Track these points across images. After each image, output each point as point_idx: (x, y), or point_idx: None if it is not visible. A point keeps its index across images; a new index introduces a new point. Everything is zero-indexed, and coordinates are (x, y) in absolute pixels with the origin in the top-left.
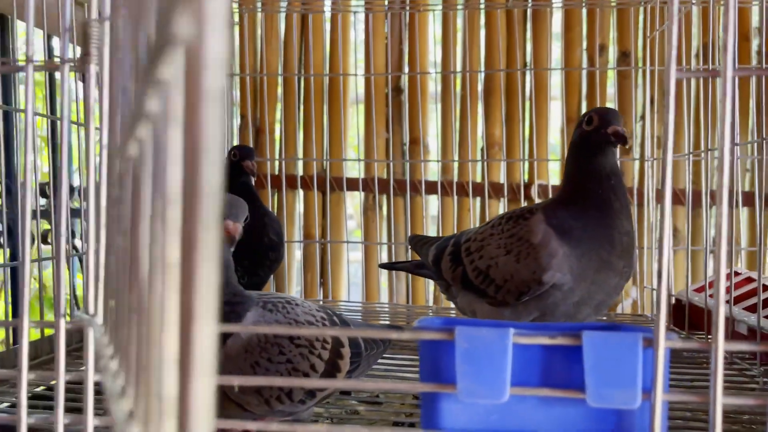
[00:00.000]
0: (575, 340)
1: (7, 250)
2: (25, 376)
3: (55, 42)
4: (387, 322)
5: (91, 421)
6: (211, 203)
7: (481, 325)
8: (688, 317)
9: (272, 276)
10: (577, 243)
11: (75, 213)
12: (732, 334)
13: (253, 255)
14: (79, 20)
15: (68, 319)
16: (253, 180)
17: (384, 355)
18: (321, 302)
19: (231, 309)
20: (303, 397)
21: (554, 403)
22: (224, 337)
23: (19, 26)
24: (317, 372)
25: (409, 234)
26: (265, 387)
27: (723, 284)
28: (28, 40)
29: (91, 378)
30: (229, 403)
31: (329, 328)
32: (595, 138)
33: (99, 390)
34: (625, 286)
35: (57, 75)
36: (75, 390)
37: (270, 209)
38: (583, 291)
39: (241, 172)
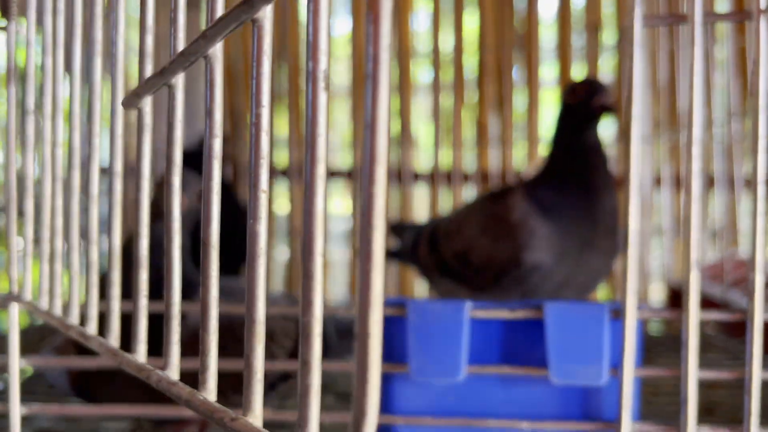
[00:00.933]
0: (537, 313)
1: None
2: None
3: None
4: None
5: (17, 403)
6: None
7: (435, 300)
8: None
9: None
10: (558, 220)
11: None
12: None
13: (228, 244)
14: None
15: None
16: (230, 173)
17: None
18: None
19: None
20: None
21: (516, 382)
22: None
23: None
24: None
25: None
26: (221, 377)
27: (696, 252)
28: None
29: (16, 356)
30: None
31: (273, 307)
32: (579, 111)
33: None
34: (612, 268)
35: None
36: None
37: (243, 201)
38: (566, 272)
39: None
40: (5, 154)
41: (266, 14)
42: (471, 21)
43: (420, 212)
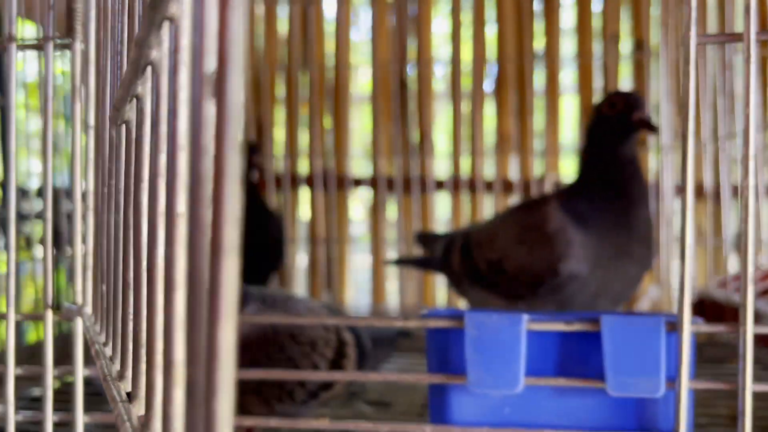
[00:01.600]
0: (593, 326)
1: None
2: (12, 370)
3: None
4: (400, 323)
5: (80, 414)
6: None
7: (492, 312)
8: (711, 314)
9: (278, 278)
10: (593, 230)
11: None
12: None
13: (257, 252)
14: None
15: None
16: (256, 177)
17: (393, 357)
18: (328, 302)
19: None
20: (305, 398)
21: (572, 393)
22: None
23: None
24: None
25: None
26: (266, 386)
27: (751, 268)
28: (10, 18)
29: (80, 368)
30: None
31: (330, 317)
32: (618, 123)
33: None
34: (644, 278)
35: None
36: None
37: (273, 209)
38: (601, 281)
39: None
40: (70, 169)
41: (181, 12)
42: (491, 28)
43: (439, 221)
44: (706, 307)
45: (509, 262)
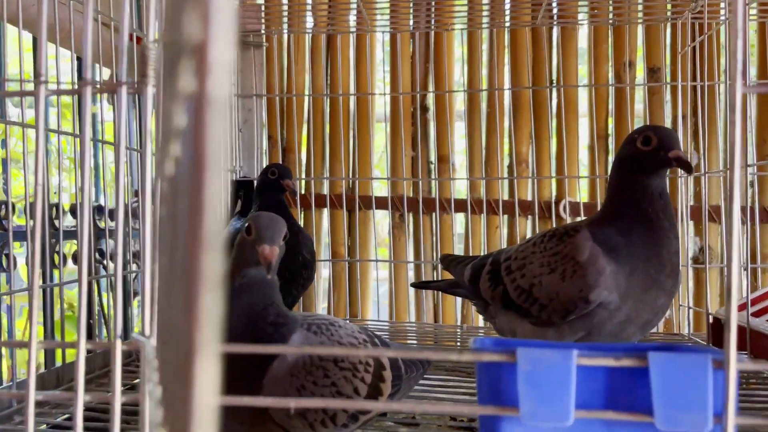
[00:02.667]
0: (641, 362)
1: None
2: (81, 397)
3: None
4: (415, 342)
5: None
6: (212, 219)
7: (542, 346)
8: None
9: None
10: (624, 261)
11: (103, 233)
12: None
13: (288, 274)
14: (107, 42)
15: (118, 339)
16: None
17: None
18: (348, 320)
19: (275, 330)
20: (346, 421)
21: (619, 426)
22: (270, 359)
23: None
24: (360, 395)
25: (438, 252)
26: (310, 410)
27: None
28: (85, 64)
29: (147, 402)
30: (273, 426)
31: (384, 350)
32: (652, 159)
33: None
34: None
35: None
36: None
37: (303, 229)
38: (630, 310)
39: (277, 190)
40: (111, 205)
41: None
42: (506, 53)
43: (456, 242)
44: (724, 329)
45: (540, 290)
